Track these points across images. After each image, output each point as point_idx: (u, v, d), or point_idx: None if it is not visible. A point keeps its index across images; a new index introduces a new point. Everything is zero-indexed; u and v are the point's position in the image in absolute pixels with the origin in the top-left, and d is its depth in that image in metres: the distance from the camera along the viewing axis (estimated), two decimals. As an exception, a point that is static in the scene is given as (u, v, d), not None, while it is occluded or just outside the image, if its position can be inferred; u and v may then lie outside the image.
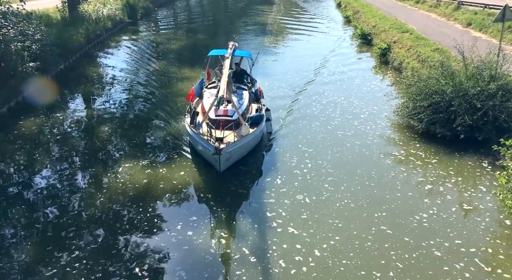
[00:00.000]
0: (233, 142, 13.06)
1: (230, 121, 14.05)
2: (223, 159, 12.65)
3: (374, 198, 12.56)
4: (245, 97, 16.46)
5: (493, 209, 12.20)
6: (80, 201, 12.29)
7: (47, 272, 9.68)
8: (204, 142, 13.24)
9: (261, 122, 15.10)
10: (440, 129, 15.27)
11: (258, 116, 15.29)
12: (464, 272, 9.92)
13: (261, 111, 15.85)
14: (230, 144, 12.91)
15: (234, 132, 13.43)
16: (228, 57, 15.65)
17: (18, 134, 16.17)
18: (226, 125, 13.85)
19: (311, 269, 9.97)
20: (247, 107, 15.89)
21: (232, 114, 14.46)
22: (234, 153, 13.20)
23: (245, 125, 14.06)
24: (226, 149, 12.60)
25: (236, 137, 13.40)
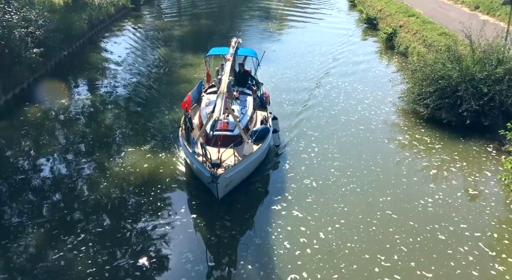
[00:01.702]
0: (233, 165, 11.13)
1: (230, 137, 12.27)
2: (222, 186, 10.85)
3: (379, 183, 12.58)
4: (249, 104, 14.35)
5: (498, 194, 12.19)
6: (85, 186, 12.39)
7: (54, 255, 9.84)
8: (200, 166, 11.24)
9: (267, 136, 13.02)
10: (446, 115, 15.19)
11: (264, 130, 13.10)
12: (468, 255, 9.98)
13: (267, 121, 13.79)
14: (229, 169, 10.95)
15: (235, 151, 11.57)
16: (230, 59, 13.56)
17: (24, 120, 16.23)
18: (226, 142, 11.93)
19: (316, 251, 10.07)
20: (251, 116, 13.88)
21: (232, 128, 12.55)
22: (235, 178, 11.40)
23: (248, 143, 11.94)
24: (225, 175, 10.72)
25: (237, 157, 11.54)
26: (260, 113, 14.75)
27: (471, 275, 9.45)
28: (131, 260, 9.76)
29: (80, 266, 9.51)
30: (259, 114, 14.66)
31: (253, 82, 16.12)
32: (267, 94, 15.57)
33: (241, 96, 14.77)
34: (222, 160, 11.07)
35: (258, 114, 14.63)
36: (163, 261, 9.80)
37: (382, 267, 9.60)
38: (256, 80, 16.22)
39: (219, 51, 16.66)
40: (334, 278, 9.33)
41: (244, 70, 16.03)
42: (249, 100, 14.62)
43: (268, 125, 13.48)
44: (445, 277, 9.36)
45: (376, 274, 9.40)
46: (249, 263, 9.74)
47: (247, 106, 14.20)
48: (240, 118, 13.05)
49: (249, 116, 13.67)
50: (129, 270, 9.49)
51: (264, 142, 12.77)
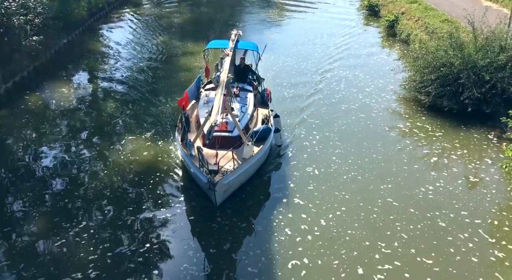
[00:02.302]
0: (231, 170, 10.47)
1: (229, 139, 11.62)
2: (219, 192, 10.26)
3: (381, 171, 12.61)
4: (249, 102, 13.58)
5: (499, 181, 12.23)
6: (86, 174, 12.44)
7: (56, 242, 9.92)
8: (197, 171, 10.58)
9: (268, 137, 12.36)
10: (447, 102, 15.15)
11: (265, 130, 12.35)
12: (468, 242, 10.05)
13: (269, 121, 13.04)
14: (228, 174, 10.31)
15: (234, 154, 10.90)
16: (229, 54, 12.92)
17: (25, 108, 16.21)
18: (224, 143, 11.27)
19: (316, 238, 10.15)
20: (251, 115, 13.11)
21: (231, 129, 11.86)
22: (234, 183, 10.78)
23: (248, 145, 11.30)
24: (223, 181, 10.10)
25: (236, 161, 10.90)
26: (261, 110, 13.95)
27: (471, 261, 9.53)
28: (133, 247, 9.84)
29: (82, 253, 9.60)
30: (260, 111, 13.88)
31: (254, 77, 15.26)
32: (268, 91, 14.68)
33: (241, 93, 13.93)
34: (220, 164, 10.39)
35: (259, 112, 13.84)
36: (164, 248, 9.88)
37: (383, 254, 9.68)
38: (257, 75, 15.33)
39: (218, 44, 15.96)
40: (334, 264, 9.42)
41: (244, 64, 15.24)
42: (250, 97, 13.84)
43: (269, 125, 12.79)
44: (445, 264, 9.44)
45: (377, 261, 9.48)
46: (250, 250, 9.83)
47: (248, 103, 13.43)
48: (239, 117, 12.36)
49: (249, 115, 12.90)
50: (131, 257, 9.58)
51: (265, 143, 12.05)
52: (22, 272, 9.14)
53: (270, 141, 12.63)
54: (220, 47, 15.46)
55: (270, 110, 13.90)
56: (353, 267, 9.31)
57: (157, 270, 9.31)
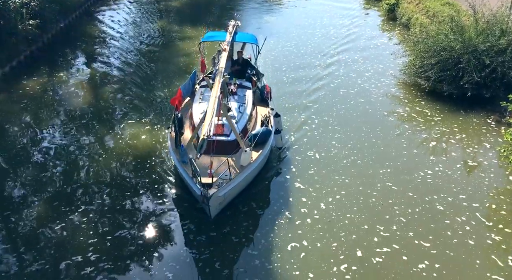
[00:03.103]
0: (227, 180, 9.64)
1: (226, 144, 10.69)
2: (214, 205, 9.39)
3: (380, 155, 12.65)
4: (248, 100, 12.51)
5: (497, 165, 12.28)
6: (85, 158, 12.45)
7: (56, 226, 9.99)
8: (190, 181, 9.79)
9: (268, 140, 11.50)
10: (447, 87, 15.11)
11: (265, 133, 11.42)
12: (465, 225, 10.15)
13: (268, 122, 12.07)
14: (224, 186, 9.42)
15: (230, 161, 10.10)
16: (226, 49, 11.99)
17: (22, 93, 16.12)
18: (220, 149, 10.31)
19: (316, 221, 10.24)
20: (250, 115, 12.11)
21: (228, 133, 10.91)
22: (230, 194, 9.93)
23: (246, 151, 10.38)
24: (218, 193, 9.23)
25: (233, 169, 10.11)
26: (261, 109, 13.03)
27: (468, 244, 9.63)
28: (132, 230, 9.92)
29: (82, 237, 9.67)
30: (260, 110, 12.96)
31: (253, 72, 14.15)
32: (268, 88, 13.62)
33: (239, 90, 12.84)
34: (216, 173, 9.58)
35: (259, 111, 12.94)
36: (164, 232, 9.96)
37: (381, 237, 9.77)
38: (257, 70, 14.21)
39: (214, 37, 14.73)
40: (333, 246, 9.52)
41: (243, 58, 14.25)
42: (248, 95, 12.82)
43: (269, 126, 11.92)
44: (442, 246, 9.55)
45: (375, 244, 9.58)
46: (250, 233, 9.91)
47: (246, 102, 12.39)
48: (237, 118, 11.46)
49: (247, 115, 11.89)
50: (130, 240, 9.66)
51: (264, 148, 11.19)
52: (23, 255, 9.21)
53: (270, 145, 11.77)
54: (217, 40, 14.56)
55: (270, 108, 12.99)
56: (352, 250, 9.41)
57: (157, 253, 9.41)
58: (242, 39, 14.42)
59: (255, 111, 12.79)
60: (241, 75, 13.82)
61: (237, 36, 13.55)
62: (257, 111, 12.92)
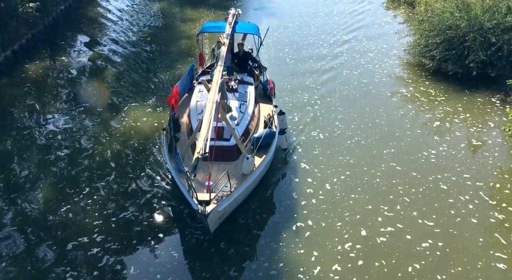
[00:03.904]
0: (227, 193, 8.73)
1: (226, 149, 9.81)
2: (213, 221, 8.53)
3: (384, 136, 12.62)
4: (250, 98, 11.56)
5: (501, 144, 12.25)
6: (88, 141, 12.49)
7: (61, 208, 10.09)
8: (186, 193, 8.84)
9: (272, 143, 10.60)
10: (452, 66, 14.97)
11: (268, 135, 10.45)
12: (469, 204, 10.19)
13: (272, 122, 11.19)
14: (223, 200, 8.56)
15: (231, 169, 9.42)
16: (225, 43, 10.96)
17: (25, 77, 16.08)
18: (219, 155, 9.38)
19: (321, 201, 10.30)
20: (252, 114, 11.16)
21: (228, 137, 9.99)
22: (231, 207, 9.09)
23: (248, 159, 9.41)
24: (218, 209, 8.38)
25: (233, 178, 9.24)
26: (264, 106, 12.09)
27: (471, 223, 9.68)
28: (136, 212, 10.00)
29: (87, 219, 9.78)
30: (262, 108, 12.01)
31: (255, 65, 13.22)
32: (271, 84, 12.62)
33: (240, 87, 11.88)
34: (214, 186, 8.69)
35: (261, 109, 11.98)
36: (166, 214, 10.03)
37: (385, 216, 9.83)
38: (259, 63, 13.30)
39: (213, 28, 13.57)
40: (338, 226, 9.59)
41: (244, 51, 13.16)
42: (250, 91, 11.86)
43: (273, 126, 11.04)
44: (445, 225, 9.61)
45: (380, 223, 9.64)
46: (256, 214, 9.99)
47: (248, 100, 11.46)
48: (238, 118, 10.58)
49: (249, 115, 10.97)
50: (135, 222, 9.75)
51: (268, 152, 10.32)
52: (30, 236, 9.34)
53: (275, 148, 10.85)
54: (216, 31, 13.37)
55: (274, 106, 12.03)
56: (356, 229, 9.48)
57: (162, 233, 9.50)
58: (242, 30, 13.23)
59: (258, 109, 11.79)
60: (242, 69, 12.92)
61: (237, 27, 12.50)
62: (259, 109, 11.91)
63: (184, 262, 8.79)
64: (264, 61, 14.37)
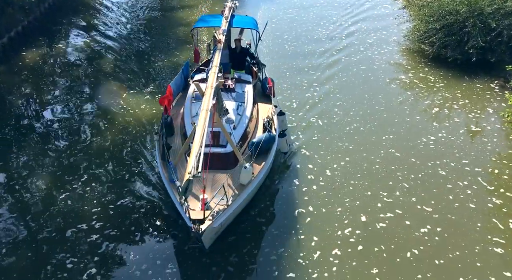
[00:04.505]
0: (223, 207, 7.94)
1: (222, 157, 9.09)
2: (208, 237, 7.83)
3: (383, 122, 12.61)
4: (248, 98, 10.81)
5: (500, 130, 12.27)
6: (87, 129, 12.44)
7: (61, 195, 10.09)
8: (179, 207, 7.98)
9: (271, 148, 9.89)
10: (452, 52, 14.90)
11: (267, 140, 9.70)
12: (467, 189, 10.22)
13: (272, 125, 10.39)
14: (220, 215, 7.81)
15: (228, 180, 8.70)
16: (221, 40, 10.24)
17: (22, 65, 15.95)
18: (215, 163, 8.69)
19: (321, 187, 10.33)
20: (250, 116, 10.45)
21: (225, 143, 9.23)
22: (228, 219, 8.38)
23: (246, 167, 8.62)
24: (213, 225, 7.64)
25: (230, 189, 8.54)
26: (262, 107, 11.40)
27: (469, 208, 9.73)
28: (133, 199, 10.00)
29: (86, 206, 9.78)
30: (261, 108, 11.31)
31: (253, 61, 12.42)
32: (271, 83, 11.73)
33: (238, 86, 11.14)
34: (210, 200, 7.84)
35: (260, 109, 11.28)
36: (165, 200, 9.98)
37: (384, 202, 9.86)
38: (257, 60, 12.50)
39: (208, 22, 12.71)
40: (338, 211, 9.63)
41: (241, 47, 12.34)
42: (248, 91, 11.10)
43: (273, 129, 10.32)
44: (444, 211, 9.65)
45: (379, 209, 9.68)
46: (261, 202, 9.95)
47: (246, 100, 10.69)
48: (235, 121, 9.86)
49: (247, 118, 10.24)
50: (132, 209, 9.74)
51: (267, 158, 9.61)
52: (30, 223, 9.36)
53: (274, 153, 10.14)
54: (211, 26, 12.58)
55: (273, 106, 11.32)
56: (356, 215, 9.52)
57: (159, 221, 9.48)
58: (239, 24, 12.41)
59: (256, 110, 11.05)
60: (239, 66, 12.12)
61: (234, 21, 11.80)
62: (258, 109, 11.18)
63: (184, 248, 8.83)
64: (262, 48, 14.03)
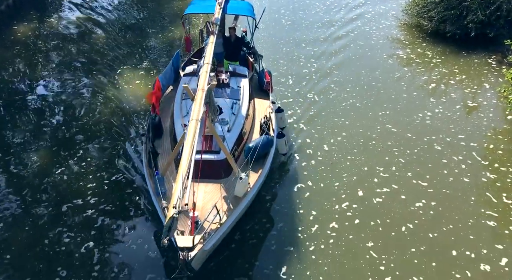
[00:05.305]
0: (216, 226, 6.94)
1: (215, 164, 8.12)
2: (199, 260, 6.66)
3: (379, 98, 12.56)
4: (243, 94, 9.89)
5: (497, 105, 12.26)
6: (82, 104, 12.32)
7: (56, 170, 10.07)
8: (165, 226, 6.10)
9: (269, 153, 8.96)
10: (451, 27, 14.74)
11: (265, 144, 8.73)
12: (461, 164, 10.29)
13: (269, 126, 9.36)
14: (211, 236, 6.77)
15: (221, 190, 7.77)
16: (213, 32, 8.92)
17: (14, 40, 15.64)
18: (208, 171, 7.71)
19: (319, 162, 10.36)
20: (246, 114, 9.46)
21: (218, 149, 8.21)
22: (220, 238, 7.40)
23: (242, 179, 7.56)
24: (205, 248, 6.57)
25: (223, 203, 7.54)
26: (259, 103, 10.46)
27: (463, 182, 9.80)
28: (127, 174, 9.97)
29: (81, 181, 9.77)
30: (258, 105, 10.36)
31: (249, 51, 11.62)
32: (268, 77, 10.72)
33: (232, 81, 10.21)
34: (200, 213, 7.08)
35: (257, 106, 10.31)
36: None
37: (381, 177, 9.92)
38: (254, 50, 11.57)
39: (201, 7, 11.64)
40: (335, 186, 9.69)
41: (236, 36, 11.19)
42: (244, 86, 10.14)
43: (271, 130, 9.32)
44: (438, 185, 9.73)
45: (375, 184, 9.73)
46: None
47: (241, 97, 9.76)
48: (230, 123, 8.93)
49: (243, 117, 9.27)
50: (126, 184, 9.72)
51: (264, 165, 8.65)
52: (27, 198, 9.37)
53: (272, 157, 9.18)
54: (204, 12, 11.92)
55: (271, 102, 10.27)
56: (353, 190, 9.59)
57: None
58: (234, 11, 11.44)
59: (253, 107, 10.08)
60: (234, 57, 11.17)
61: (228, 7, 10.71)
62: (254, 106, 10.21)
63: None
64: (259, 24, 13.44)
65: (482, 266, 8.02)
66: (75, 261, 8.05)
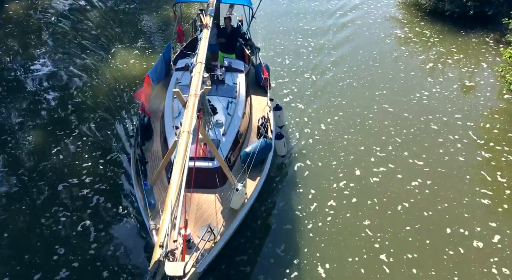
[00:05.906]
0: (210, 245, 6.34)
1: (210, 172, 7.46)
2: None
3: (376, 78, 12.49)
4: (239, 92, 9.18)
5: (494, 84, 12.24)
6: (76, 84, 12.18)
7: (52, 150, 10.02)
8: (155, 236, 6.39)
9: (267, 158, 8.35)
10: (449, 5, 14.61)
11: (263, 148, 8.07)
12: (457, 143, 10.32)
13: (267, 127, 8.72)
14: (206, 256, 6.19)
15: (216, 201, 7.14)
16: (207, 25, 8.25)
17: (6, 18, 15.34)
18: (202, 180, 7.18)
19: (317, 141, 10.36)
20: (243, 114, 8.79)
21: (213, 155, 7.47)
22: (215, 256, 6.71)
23: (238, 190, 6.87)
24: (198, 270, 5.97)
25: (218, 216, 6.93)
26: (257, 99, 9.81)
27: (458, 161, 9.85)
28: (122, 154, 9.96)
29: (77, 161, 9.73)
30: (255, 103, 9.72)
31: (245, 41, 10.96)
32: (266, 73, 9.96)
33: (228, 76, 9.48)
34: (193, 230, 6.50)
35: (254, 104, 9.67)
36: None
37: (378, 157, 9.93)
38: (251, 42, 10.95)
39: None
40: (333, 165, 9.71)
41: (232, 27, 10.46)
42: (241, 83, 9.44)
43: (269, 133, 8.66)
44: (434, 164, 9.76)
45: (372, 164, 9.76)
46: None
47: (237, 94, 9.05)
48: (226, 125, 8.23)
49: (240, 118, 8.57)
50: (121, 163, 9.71)
51: (262, 171, 8.09)
52: (23, 177, 9.33)
53: (270, 162, 8.56)
54: (198, 1, 11.41)
55: (269, 99, 9.61)
56: (350, 169, 9.61)
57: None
58: None
59: (249, 105, 9.42)
60: (229, 49, 10.49)
61: None
62: (251, 104, 9.57)
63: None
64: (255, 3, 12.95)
65: (475, 243, 8.12)
66: (72, 239, 8.08)
